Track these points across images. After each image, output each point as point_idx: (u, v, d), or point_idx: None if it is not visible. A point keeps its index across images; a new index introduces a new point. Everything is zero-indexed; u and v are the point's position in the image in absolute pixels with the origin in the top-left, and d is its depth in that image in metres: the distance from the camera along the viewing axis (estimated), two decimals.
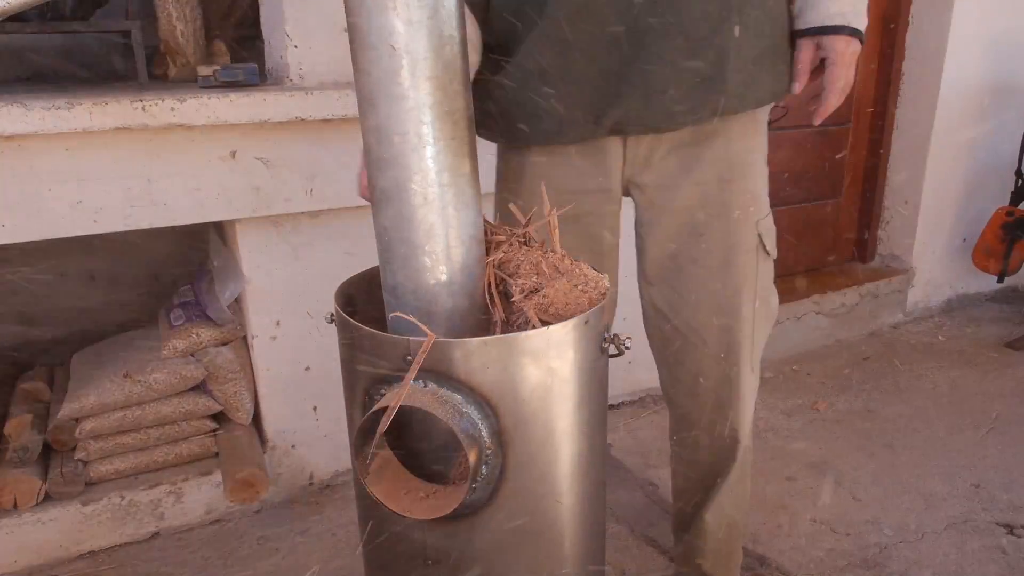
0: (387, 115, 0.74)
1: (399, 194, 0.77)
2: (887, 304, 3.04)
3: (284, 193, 1.70)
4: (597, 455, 0.88)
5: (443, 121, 0.75)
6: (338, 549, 1.76)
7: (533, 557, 0.84)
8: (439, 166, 0.76)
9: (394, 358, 0.76)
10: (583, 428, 0.83)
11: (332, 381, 1.91)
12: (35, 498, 1.66)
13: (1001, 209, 2.98)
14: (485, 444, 0.75)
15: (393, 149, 0.75)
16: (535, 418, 0.78)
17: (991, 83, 2.96)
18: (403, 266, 0.79)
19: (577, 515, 0.86)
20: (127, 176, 1.55)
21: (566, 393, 0.80)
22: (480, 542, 0.81)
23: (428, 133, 0.75)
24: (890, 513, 1.87)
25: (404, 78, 0.73)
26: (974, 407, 2.39)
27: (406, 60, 0.72)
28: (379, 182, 0.78)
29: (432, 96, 0.74)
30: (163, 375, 1.73)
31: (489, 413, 0.76)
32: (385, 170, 0.77)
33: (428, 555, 0.83)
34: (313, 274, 1.83)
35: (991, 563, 1.69)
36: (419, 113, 0.74)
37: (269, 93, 1.58)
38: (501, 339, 0.75)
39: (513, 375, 0.76)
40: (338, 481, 1.99)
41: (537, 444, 0.79)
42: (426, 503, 0.78)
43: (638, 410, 2.40)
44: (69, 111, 1.42)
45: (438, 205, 0.77)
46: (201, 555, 1.73)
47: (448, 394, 0.75)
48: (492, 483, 0.78)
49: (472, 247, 0.82)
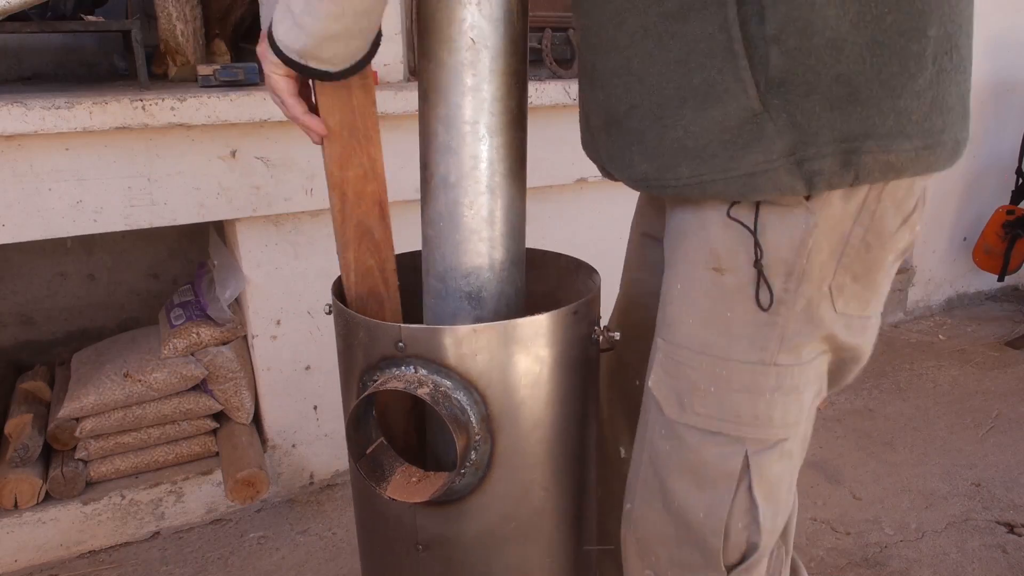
0: (458, 104, 0.77)
1: (461, 181, 0.79)
2: (887, 303, 3.04)
3: (284, 192, 1.70)
4: (588, 444, 0.89)
5: (510, 114, 0.79)
6: (338, 549, 1.76)
7: (522, 543, 0.85)
8: (502, 156, 0.79)
9: (387, 344, 0.76)
10: (573, 417, 0.84)
11: (333, 380, 1.92)
12: (35, 497, 1.66)
13: (1002, 208, 2.98)
14: (474, 430, 0.76)
15: (461, 137, 0.78)
16: (524, 405, 0.79)
17: (992, 81, 2.95)
18: (456, 251, 0.81)
19: (566, 502, 0.87)
20: (127, 176, 1.55)
21: (555, 381, 0.81)
22: (470, 527, 0.83)
23: (496, 124, 0.78)
24: (890, 512, 1.87)
25: (481, 70, 0.75)
26: (975, 406, 2.39)
27: (484, 54, 0.75)
28: (440, 169, 0.80)
29: (501, 89, 0.77)
30: (163, 375, 1.73)
31: (479, 399, 0.77)
32: (450, 157, 0.79)
33: (420, 540, 0.84)
34: (314, 273, 1.83)
35: (992, 562, 1.69)
36: (490, 104, 0.77)
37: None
38: (491, 327, 0.76)
39: (502, 362, 0.77)
40: (339, 481, 1.99)
41: (526, 431, 0.80)
42: (416, 487, 0.79)
43: None
44: (69, 111, 1.42)
45: (498, 193, 0.80)
46: (201, 555, 1.74)
47: (438, 380, 0.75)
48: (482, 469, 0.79)
49: (521, 236, 0.84)
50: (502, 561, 0.85)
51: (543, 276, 1.02)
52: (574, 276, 0.98)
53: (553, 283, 1.02)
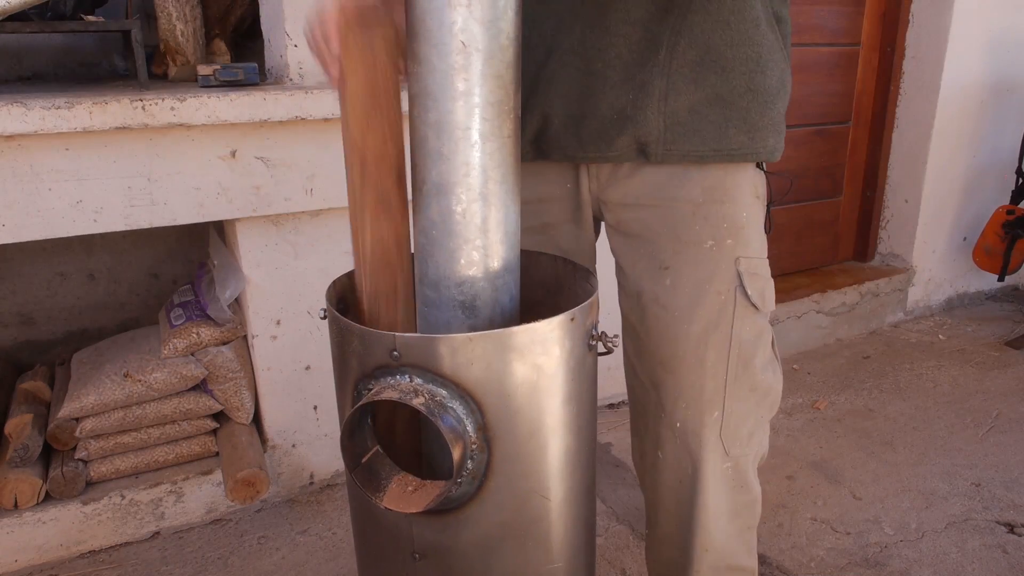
0: (449, 110, 0.75)
1: (453, 189, 0.78)
2: (888, 303, 3.04)
3: (284, 192, 1.70)
4: (586, 452, 0.88)
5: (503, 119, 0.77)
6: (338, 549, 1.76)
7: (520, 552, 0.85)
8: (495, 162, 0.78)
9: (381, 353, 0.76)
10: (571, 425, 0.84)
11: (332, 380, 1.92)
12: (35, 497, 1.66)
13: (1002, 208, 2.98)
14: (470, 439, 0.76)
15: (453, 144, 0.76)
16: (521, 414, 0.78)
17: (992, 81, 2.96)
18: (450, 260, 0.80)
19: (565, 511, 0.87)
20: (127, 175, 1.55)
21: (552, 389, 0.80)
22: (467, 537, 0.82)
23: (489, 130, 0.76)
24: (891, 512, 1.87)
25: (472, 74, 0.74)
26: (975, 406, 2.39)
27: (475, 57, 0.73)
28: (432, 176, 0.79)
29: (494, 94, 0.75)
30: (163, 374, 1.73)
31: (475, 409, 0.76)
32: (441, 164, 0.78)
33: (416, 549, 0.83)
34: (313, 273, 1.83)
35: (992, 562, 1.69)
36: (482, 110, 0.76)
37: (269, 92, 1.58)
38: (487, 335, 0.75)
39: (499, 371, 0.76)
40: (339, 481, 1.99)
41: (523, 440, 0.80)
42: (412, 496, 0.79)
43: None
44: (69, 110, 1.42)
45: (492, 200, 0.79)
46: (201, 555, 1.74)
47: (433, 389, 0.75)
48: (478, 478, 0.79)
49: (515, 244, 0.83)
50: (500, 569, 0.84)
51: (538, 280, 1.01)
52: (571, 279, 0.98)
53: (550, 287, 1.01)
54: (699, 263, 0.98)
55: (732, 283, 0.98)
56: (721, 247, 0.98)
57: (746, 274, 0.98)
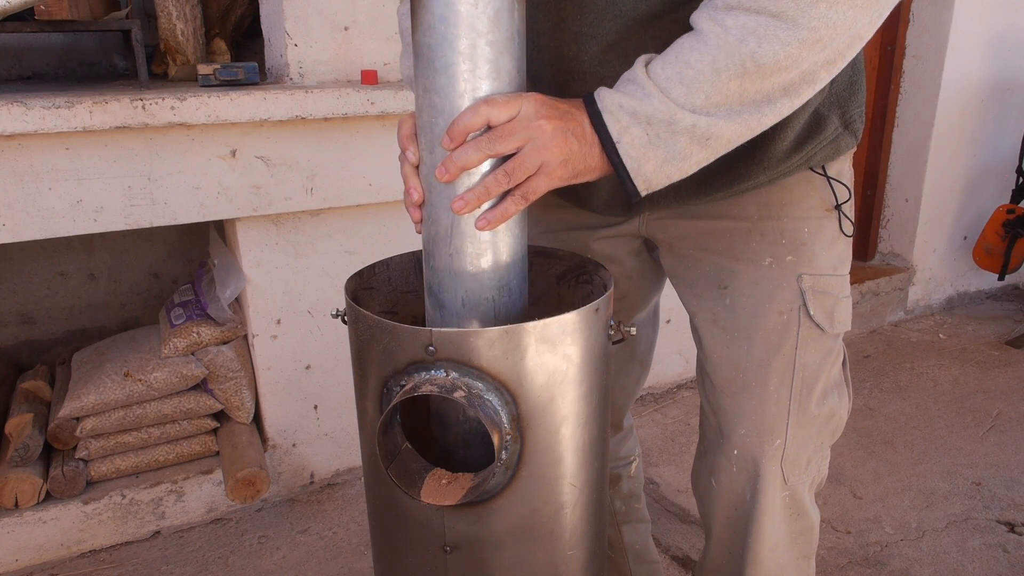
0: (456, 105, 0.76)
1: (461, 184, 0.78)
2: (888, 302, 3.04)
3: (284, 192, 1.70)
4: (603, 440, 0.90)
5: None
6: (339, 548, 1.76)
7: (548, 540, 0.86)
8: (503, 157, 0.78)
9: (415, 348, 0.77)
10: (593, 413, 0.85)
11: (333, 380, 1.93)
12: (36, 497, 1.66)
13: (1002, 207, 2.98)
14: (505, 430, 0.77)
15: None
16: (552, 404, 0.80)
17: (992, 80, 2.95)
18: (458, 257, 0.81)
19: (588, 497, 0.88)
20: (127, 175, 1.55)
21: (580, 378, 0.81)
22: (499, 527, 0.83)
23: None
24: (891, 511, 1.87)
25: (479, 68, 0.74)
26: (975, 405, 2.39)
27: (482, 50, 0.74)
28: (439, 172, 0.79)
29: (501, 87, 0.76)
30: (163, 374, 1.73)
31: (509, 400, 0.77)
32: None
33: (447, 541, 0.84)
34: (314, 273, 1.83)
35: (992, 561, 1.69)
36: None
37: (269, 92, 1.58)
38: (521, 327, 0.76)
39: (532, 362, 0.77)
40: (339, 480, 1.99)
41: (553, 429, 0.81)
42: (447, 489, 0.80)
43: (639, 408, 2.40)
44: (69, 110, 1.42)
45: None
46: (202, 554, 1.74)
47: (471, 383, 0.76)
48: (511, 468, 0.80)
49: (523, 240, 0.84)
50: (528, 558, 0.85)
51: (547, 274, 1.01)
52: (579, 271, 0.98)
53: (556, 280, 1.02)
54: (757, 282, 0.93)
55: (795, 302, 0.93)
56: (781, 264, 0.93)
57: (810, 292, 0.93)
